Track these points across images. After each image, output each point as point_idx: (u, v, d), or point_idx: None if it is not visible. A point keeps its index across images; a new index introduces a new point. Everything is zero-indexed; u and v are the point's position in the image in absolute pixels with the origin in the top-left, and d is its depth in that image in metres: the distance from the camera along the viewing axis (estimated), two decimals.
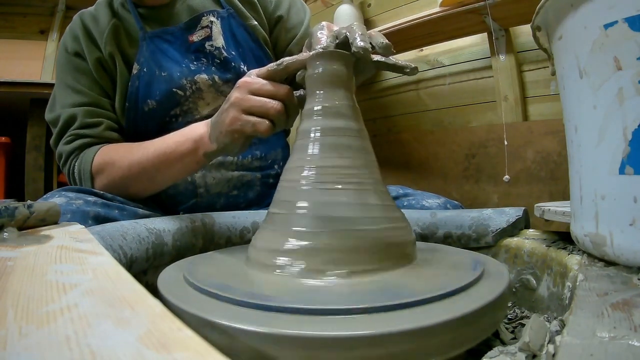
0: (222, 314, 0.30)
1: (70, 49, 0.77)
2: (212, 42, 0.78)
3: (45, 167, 2.01)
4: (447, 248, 0.53)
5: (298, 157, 0.45)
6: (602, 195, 0.37)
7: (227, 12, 0.80)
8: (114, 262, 0.26)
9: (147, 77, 0.75)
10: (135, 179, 0.67)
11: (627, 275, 0.34)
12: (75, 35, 0.77)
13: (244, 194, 0.82)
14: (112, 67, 0.76)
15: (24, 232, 0.39)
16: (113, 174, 0.69)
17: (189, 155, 0.61)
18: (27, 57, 2.23)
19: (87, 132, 0.74)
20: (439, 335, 0.28)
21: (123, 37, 0.76)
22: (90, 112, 0.74)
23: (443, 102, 1.72)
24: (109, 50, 0.75)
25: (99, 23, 0.76)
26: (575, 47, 0.40)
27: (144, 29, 0.76)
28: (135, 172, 0.67)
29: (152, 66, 0.75)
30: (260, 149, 0.82)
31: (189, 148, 0.61)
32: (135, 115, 0.76)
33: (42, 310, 0.18)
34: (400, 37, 1.58)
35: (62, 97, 0.76)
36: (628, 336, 0.22)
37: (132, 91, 0.75)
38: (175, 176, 0.66)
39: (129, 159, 0.67)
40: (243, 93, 0.52)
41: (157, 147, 0.65)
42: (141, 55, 0.75)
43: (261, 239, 0.44)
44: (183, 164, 0.63)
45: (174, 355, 0.14)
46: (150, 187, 0.69)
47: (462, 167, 1.58)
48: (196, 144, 0.60)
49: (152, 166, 0.65)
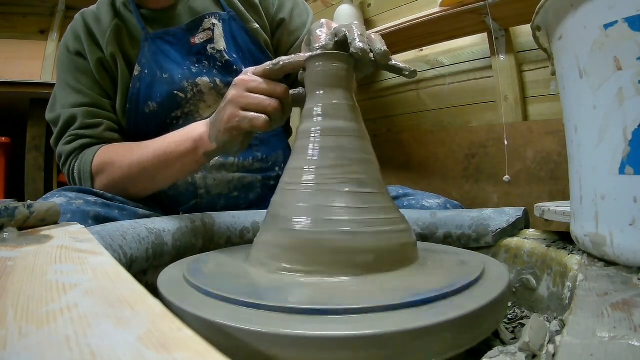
0: (222, 313, 0.30)
1: (71, 48, 0.77)
2: (214, 45, 0.78)
3: (45, 167, 2.01)
4: (447, 248, 0.53)
5: (298, 158, 0.45)
6: (602, 195, 0.37)
7: (228, 14, 0.79)
8: (114, 262, 0.26)
9: (149, 79, 0.75)
10: (135, 178, 0.67)
11: (627, 275, 0.34)
12: (76, 35, 0.77)
13: (244, 195, 0.82)
14: (113, 68, 0.76)
15: (24, 232, 0.39)
16: (113, 174, 0.69)
17: (189, 154, 0.61)
18: (27, 57, 2.22)
19: (87, 132, 0.74)
20: (439, 335, 0.28)
21: (125, 37, 0.76)
22: (91, 112, 0.74)
23: (443, 102, 1.72)
24: (110, 51, 0.74)
25: (101, 23, 0.76)
26: (575, 47, 0.40)
27: (146, 29, 0.76)
28: (135, 172, 0.67)
29: (154, 68, 0.75)
30: (261, 151, 0.82)
31: (189, 148, 0.61)
32: (136, 117, 0.76)
33: (42, 310, 0.18)
34: (400, 37, 1.58)
35: (62, 96, 0.76)
36: (628, 336, 0.22)
37: (133, 92, 0.75)
38: (176, 176, 0.66)
39: (129, 159, 0.67)
40: (240, 91, 0.52)
41: (157, 147, 0.65)
42: (143, 57, 0.75)
43: (261, 239, 0.44)
44: (183, 164, 0.63)
45: (174, 355, 0.14)
46: (150, 187, 0.69)
47: (462, 167, 1.58)
48: (196, 143, 0.60)
49: (152, 166, 0.65)
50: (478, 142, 1.54)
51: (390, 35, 1.58)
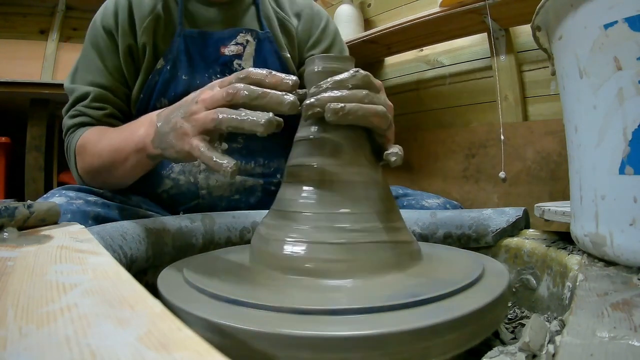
0: (222, 313, 0.30)
1: (105, 25, 0.74)
2: (241, 62, 0.76)
3: (45, 167, 2.01)
4: (447, 248, 0.53)
5: (297, 159, 0.45)
6: (602, 195, 0.37)
7: (265, 34, 0.78)
8: (114, 262, 0.26)
9: (168, 76, 0.74)
10: (98, 168, 0.67)
11: (627, 275, 0.34)
12: (115, 12, 0.74)
13: (245, 198, 0.81)
14: (141, 57, 0.74)
15: (24, 232, 0.39)
16: (85, 159, 0.69)
17: (134, 155, 0.59)
18: (27, 57, 2.22)
19: (89, 112, 0.73)
20: (439, 335, 0.28)
21: (161, 29, 0.74)
22: (103, 95, 0.74)
23: (443, 102, 1.72)
24: (143, 40, 0.73)
25: (143, 6, 0.74)
26: (575, 47, 0.40)
27: (182, 25, 0.74)
28: (97, 162, 0.66)
29: (177, 65, 0.74)
30: (263, 156, 0.81)
31: (132, 149, 0.59)
32: (145, 110, 0.74)
33: (42, 310, 0.18)
34: (400, 37, 1.58)
35: (83, 71, 0.75)
36: (628, 336, 0.22)
37: (149, 85, 0.74)
38: (130, 173, 0.64)
39: (96, 147, 0.67)
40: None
41: (113, 140, 0.63)
42: (170, 52, 0.74)
43: (261, 239, 0.44)
44: (132, 163, 0.61)
45: (174, 355, 0.14)
46: (111, 180, 0.68)
47: (462, 167, 1.58)
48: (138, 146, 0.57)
49: (107, 159, 0.64)
50: (478, 142, 1.54)
51: (390, 35, 1.58)
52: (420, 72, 1.80)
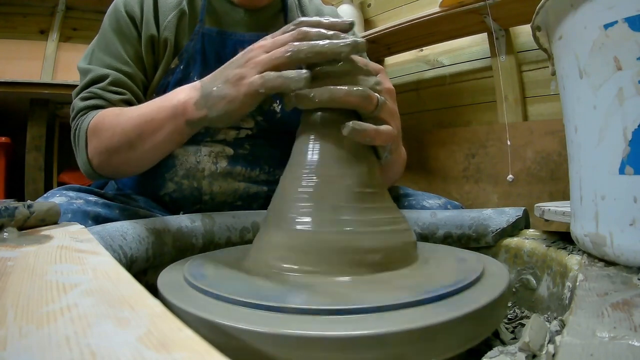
0: (222, 314, 0.30)
1: (128, 10, 0.71)
2: None
3: (45, 167, 2.01)
4: (447, 248, 0.53)
5: (298, 160, 0.45)
6: (602, 195, 0.37)
7: None
8: (114, 262, 0.26)
9: (180, 76, 0.71)
10: (117, 146, 0.62)
11: (627, 275, 0.34)
12: (140, 0, 0.71)
13: (247, 206, 0.80)
14: (161, 52, 0.72)
15: (24, 232, 0.39)
16: (101, 138, 0.64)
17: (169, 122, 0.55)
18: (27, 57, 2.22)
19: (107, 95, 0.68)
20: (440, 335, 0.28)
21: (184, 26, 0.72)
22: (121, 80, 0.70)
23: (443, 102, 1.72)
24: (165, 36, 0.70)
25: (167, 0, 0.71)
26: (575, 47, 0.40)
27: (203, 21, 0.71)
28: (117, 138, 0.61)
29: (190, 66, 0.71)
30: (268, 163, 0.80)
31: (169, 114, 0.55)
32: None
33: (42, 310, 0.18)
34: (400, 37, 1.59)
35: (102, 53, 0.71)
36: (628, 336, 0.22)
37: (162, 84, 0.72)
38: (157, 148, 0.60)
39: (115, 122, 0.62)
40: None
41: (142, 111, 0.59)
42: (186, 51, 0.71)
43: (261, 239, 0.44)
44: (163, 133, 0.57)
45: (173, 355, 0.14)
46: (131, 159, 0.63)
47: (462, 167, 1.58)
48: (176, 110, 0.54)
49: (132, 132, 0.59)
50: (478, 142, 1.54)
51: (390, 35, 1.58)
52: (420, 72, 1.80)
